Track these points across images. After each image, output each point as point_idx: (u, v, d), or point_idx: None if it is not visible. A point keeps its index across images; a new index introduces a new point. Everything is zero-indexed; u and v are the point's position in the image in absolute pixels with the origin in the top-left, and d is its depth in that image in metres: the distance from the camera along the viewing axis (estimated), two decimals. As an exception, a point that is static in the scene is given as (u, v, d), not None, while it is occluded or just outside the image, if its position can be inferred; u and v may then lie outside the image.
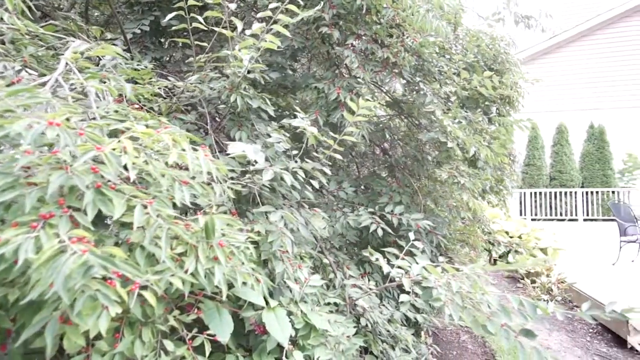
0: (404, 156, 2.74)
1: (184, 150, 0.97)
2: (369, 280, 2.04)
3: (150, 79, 1.87)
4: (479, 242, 2.86)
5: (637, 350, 3.54)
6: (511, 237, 5.93)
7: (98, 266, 0.65)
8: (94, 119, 1.01)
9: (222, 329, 1.02)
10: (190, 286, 0.90)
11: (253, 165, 1.38)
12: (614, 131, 10.06)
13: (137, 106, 1.65)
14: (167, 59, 2.87)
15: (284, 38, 2.15)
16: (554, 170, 10.01)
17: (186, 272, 0.88)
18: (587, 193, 9.60)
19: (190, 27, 1.74)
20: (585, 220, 9.42)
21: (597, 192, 9.54)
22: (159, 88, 1.79)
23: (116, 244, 0.89)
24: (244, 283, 1.11)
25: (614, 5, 10.78)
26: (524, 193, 9.87)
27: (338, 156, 1.58)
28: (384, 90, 2.68)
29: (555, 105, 10.66)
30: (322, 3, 2.04)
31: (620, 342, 3.72)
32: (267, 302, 1.21)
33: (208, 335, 1.00)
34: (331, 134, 1.52)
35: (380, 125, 2.97)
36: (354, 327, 1.45)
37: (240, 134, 1.79)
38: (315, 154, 1.64)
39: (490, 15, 2.78)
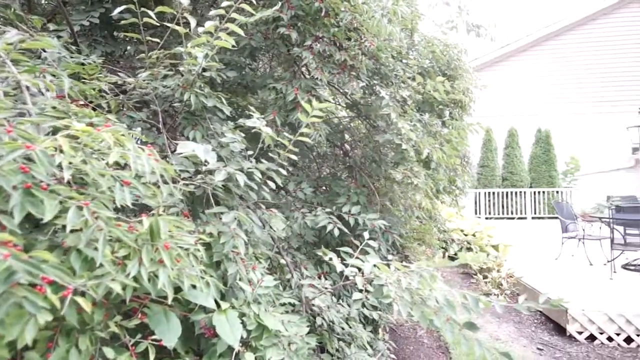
0: (363, 157, 2.80)
1: (127, 149, 0.94)
2: (326, 279, 2.07)
3: (99, 74, 1.79)
4: (434, 240, 2.98)
5: (574, 338, 3.84)
6: (466, 235, 6.22)
7: (23, 272, 0.61)
8: (24, 115, 0.95)
9: (169, 333, 0.99)
10: (132, 290, 0.87)
11: (205, 165, 1.36)
12: (559, 135, 10.84)
13: (82, 103, 1.57)
14: (120, 53, 2.74)
15: (241, 37, 2.13)
16: (505, 171, 10.62)
17: (127, 275, 0.85)
18: (534, 193, 10.27)
19: (141, 22, 1.68)
20: (533, 218, 10.07)
21: (543, 192, 10.23)
22: (107, 84, 1.71)
23: (51, 248, 0.84)
24: (193, 286, 1.09)
25: (560, 18, 11.63)
26: (479, 193, 10.39)
27: (293, 157, 1.59)
28: (342, 92, 2.72)
29: (507, 110, 11.31)
30: (280, 3, 2.04)
31: (560, 330, 4.02)
32: (218, 305, 1.20)
33: (153, 340, 0.97)
34: (286, 134, 1.53)
35: (340, 127, 3.02)
36: (308, 326, 1.46)
37: (195, 133, 1.75)
38: (270, 154, 1.63)
39: (444, 23, 2.90)
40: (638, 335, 3.72)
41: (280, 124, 2.02)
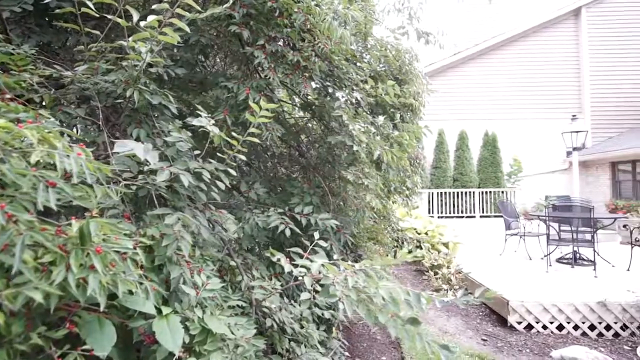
0: (317, 158, 2.82)
1: (55, 148, 0.88)
2: (278, 280, 2.06)
3: (32, 65, 1.66)
4: (386, 239, 3.07)
5: (515, 327, 4.12)
6: (419, 234, 6.47)
7: None
8: None
9: (102, 342, 0.94)
10: (58, 299, 0.82)
11: (147, 165, 1.30)
12: (504, 139, 11.60)
13: (9, 96, 1.44)
14: (60, 44, 2.56)
15: (190, 33, 2.07)
16: (456, 172, 11.18)
17: (52, 283, 0.79)
18: (482, 193, 10.90)
19: (79, 12, 1.58)
20: (481, 216, 10.68)
21: (490, 192, 10.88)
22: (39, 77, 1.59)
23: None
24: (130, 291, 1.05)
25: (505, 30, 12.44)
26: (432, 193, 10.84)
27: (242, 157, 1.57)
28: (297, 92, 2.72)
29: (458, 115, 11.91)
30: (232, 1, 2.01)
31: (502, 321, 4.29)
32: (160, 310, 1.15)
33: (83, 350, 0.91)
34: (234, 134, 1.50)
35: (297, 128, 3.02)
36: (256, 328, 1.45)
37: (139, 131, 1.68)
38: (219, 154, 1.60)
39: (396, 28, 3.00)
40: (568, 323, 4.07)
41: (231, 124, 1.98)
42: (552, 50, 12.08)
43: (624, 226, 7.01)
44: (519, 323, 4.11)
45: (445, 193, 10.89)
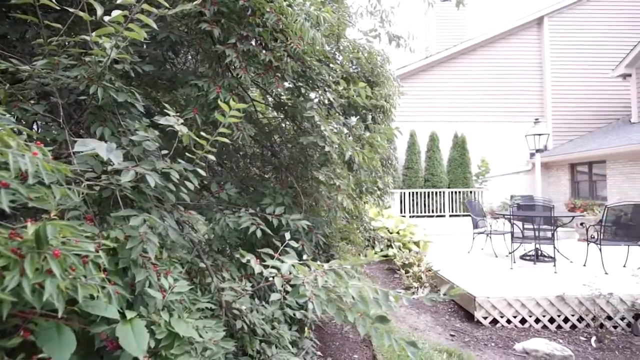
0: (290, 158, 2.82)
1: (7, 146, 0.83)
2: (250, 282, 2.04)
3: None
4: (358, 239, 3.11)
5: (481, 323, 4.27)
6: (391, 233, 6.58)
7: None
8: None
9: (60, 349, 0.90)
10: (10, 306, 0.78)
11: (111, 165, 1.26)
12: (473, 140, 12.01)
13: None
14: (18, 37, 2.42)
15: (159, 30, 2.02)
16: (427, 173, 11.46)
17: (4, 289, 0.75)
18: (452, 193, 11.24)
19: (38, 3, 1.51)
20: (451, 216, 11.01)
21: (459, 192, 11.24)
22: (-7, 71, 1.50)
23: None
24: (92, 296, 1.01)
25: (475, 36, 12.87)
26: (404, 193, 11.07)
27: (212, 157, 1.54)
28: (269, 92, 2.71)
29: (430, 116, 12.23)
30: (202, -3, 1.97)
31: (470, 317, 4.44)
32: (124, 315, 1.12)
33: (40, 359, 0.87)
34: (203, 134, 1.48)
35: (267, 128, 3.00)
36: (225, 330, 1.43)
37: (103, 130, 1.62)
38: (188, 154, 1.57)
39: (369, 31, 3.04)
40: (530, 317, 4.27)
41: (201, 123, 1.95)
42: (517, 56, 12.62)
43: (581, 224, 7.43)
44: (485, 318, 4.27)
45: (416, 193, 11.15)
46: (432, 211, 11.07)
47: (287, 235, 1.71)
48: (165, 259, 1.54)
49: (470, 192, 11.29)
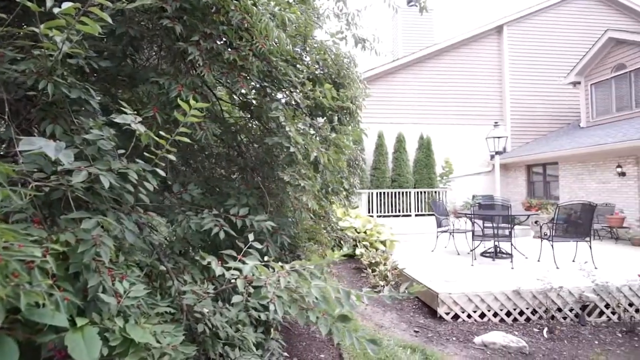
0: (256, 158, 2.79)
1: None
2: (213, 284, 2.01)
3: None
4: (324, 239, 3.13)
5: (443, 318, 4.42)
6: (358, 233, 6.67)
7: None
8: None
9: (0, 361, 0.85)
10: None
11: (62, 165, 1.20)
12: (437, 142, 12.41)
13: None
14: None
15: (115, 24, 1.94)
16: (394, 173, 11.73)
17: None
18: (418, 193, 11.56)
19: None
20: (416, 215, 11.32)
21: (425, 192, 11.58)
22: None
23: None
24: (37, 304, 0.96)
25: (439, 41, 13.31)
26: (372, 193, 11.26)
27: (172, 157, 1.51)
28: (234, 92, 2.67)
29: (397, 118, 12.51)
30: (163, -7, 1.92)
31: (433, 313, 4.58)
32: (74, 322, 1.07)
33: (-23, 372, 0.82)
34: (162, 133, 1.44)
35: (233, 128, 2.96)
36: (185, 334, 1.40)
37: (54, 127, 1.54)
38: (146, 154, 1.52)
39: (335, 33, 3.07)
40: (489, 311, 4.47)
41: (162, 122, 1.89)
42: (479, 62, 13.18)
43: (536, 222, 7.87)
44: (447, 314, 4.43)
45: (384, 193, 11.37)
46: (399, 211, 11.34)
47: (251, 237, 1.70)
48: (122, 262, 1.48)
49: (435, 192, 11.66)
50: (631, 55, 10.03)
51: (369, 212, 10.97)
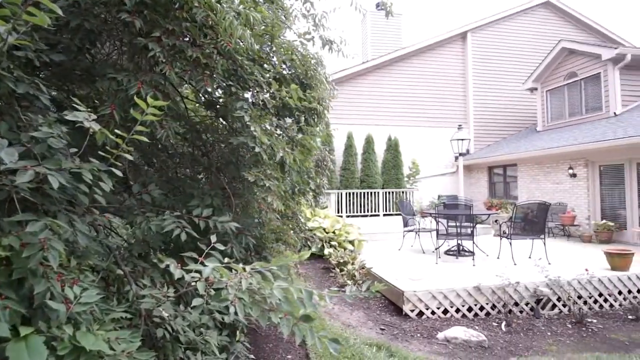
0: (222, 158, 2.74)
1: None
2: (174, 287, 1.95)
3: None
4: (290, 239, 3.12)
5: (409, 315, 4.53)
6: (327, 233, 6.71)
7: None
8: None
9: None
10: None
11: (5, 164, 1.12)
12: (405, 143, 12.71)
13: None
14: None
15: (67, 16, 1.85)
16: (363, 174, 11.90)
17: None
18: (386, 193, 11.79)
19: None
20: (384, 215, 11.54)
21: (392, 192, 11.83)
22: None
23: None
24: (-25, 312, 0.90)
25: (407, 45, 13.64)
26: (341, 193, 11.37)
27: (129, 156, 1.45)
28: (198, 90, 2.61)
29: (366, 119, 12.70)
30: (122, -15, 1.85)
31: (399, 311, 4.69)
32: (17, 331, 1.01)
33: None
34: (118, 131, 1.39)
35: (199, 127, 2.89)
36: (142, 339, 1.36)
37: (-1, 124, 1.44)
38: (100, 152, 1.46)
39: (302, 34, 3.07)
40: (452, 307, 4.64)
41: (120, 120, 1.82)
42: (444, 66, 13.64)
43: (496, 221, 8.24)
44: (412, 311, 4.55)
45: (353, 193, 11.51)
46: (368, 211, 11.51)
47: (213, 238, 1.67)
48: (74, 267, 1.41)
49: (402, 192, 11.94)
50: (581, 65, 10.73)
51: (338, 212, 11.06)
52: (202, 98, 2.96)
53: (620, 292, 5.10)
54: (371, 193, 11.63)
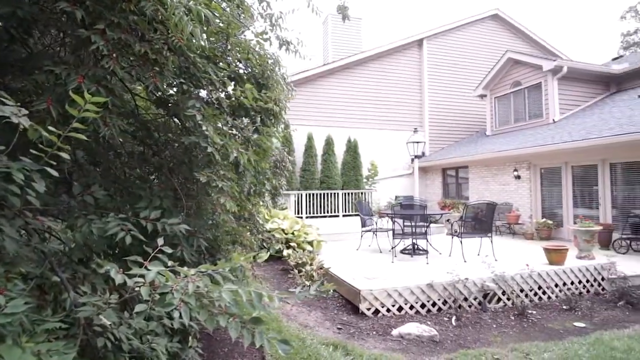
0: (174, 158, 2.65)
1: None
2: (119, 293, 1.85)
3: None
4: (246, 241, 3.08)
5: (365, 314, 4.63)
6: (286, 234, 6.69)
7: None
8: None
9: None
10: None
11: None
12: (364, 145, 12.98)
13: None
14: None
15: (3, 3, 1.71)
16: (323, 175, 12.00)
17: None
18: (345, 194, 11.97)
19: None
20: (344, 215, 11.70)
21: (352, 193, 12.03)
22: None
23: None
24: None
25: (367, 49, 13.94)
26: (301, 194, 11.38)
27: (65, 155, 1.36)
28: (148, 87, 2.51)
29: (326, 121, 12.82)
30: (60, -27, 1.73)
31: (355, 310, 4.77)
32: None
33: None
34: (52, 128, 1.30)
35: (150, 125, 2.77)
36: (80, 350, 1.28)
37: None
38: (34, 151, 1.36)
39: (259, 34, 3.04)
40: (406, 304, 4.79)
41: (57, 115, 1.70)
42: (402, 71, 14.10)
43: (448, 220, 8.63)
44: (369, 309, 4.64)
45: (313, 194, 11.57)
46: (327, 211, 11.62)
47: (160, 241, 1.61)
48: (0, 274, 1.30)
49: (361, 193, 12.18)
50: (525, 75, 11.54)
51: (297, 214, 11.06)
52: (153, 96, 2.85)
53: (556, 285, 5.54)
54: (331, 194, 11.75)
